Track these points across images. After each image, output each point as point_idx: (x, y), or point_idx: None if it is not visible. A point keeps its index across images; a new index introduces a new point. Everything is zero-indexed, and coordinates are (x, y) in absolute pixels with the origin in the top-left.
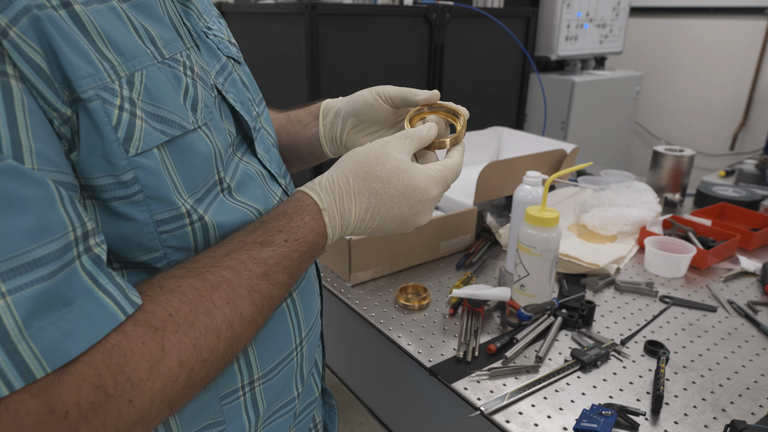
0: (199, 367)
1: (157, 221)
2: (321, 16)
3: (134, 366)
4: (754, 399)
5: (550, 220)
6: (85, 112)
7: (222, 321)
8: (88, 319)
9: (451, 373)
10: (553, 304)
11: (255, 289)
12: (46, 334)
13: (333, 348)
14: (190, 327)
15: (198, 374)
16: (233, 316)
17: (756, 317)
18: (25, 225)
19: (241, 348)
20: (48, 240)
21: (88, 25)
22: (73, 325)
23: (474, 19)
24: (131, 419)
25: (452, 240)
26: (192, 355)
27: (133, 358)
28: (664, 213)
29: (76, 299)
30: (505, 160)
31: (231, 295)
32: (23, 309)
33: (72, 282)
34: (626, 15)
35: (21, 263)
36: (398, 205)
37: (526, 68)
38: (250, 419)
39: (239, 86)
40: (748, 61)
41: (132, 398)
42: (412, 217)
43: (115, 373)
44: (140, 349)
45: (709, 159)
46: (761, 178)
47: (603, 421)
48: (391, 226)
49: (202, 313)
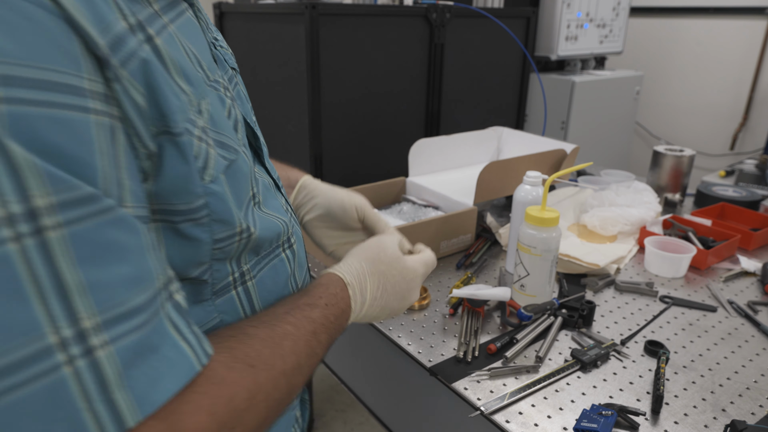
0: (275, 406)
1: (215, 240)
2: (321, 16)
3: (239, 397)
4: (754, 399)
5: (550, 220)
6: (173, 144)
7: (290, 367)
8: (172, 368)
9: (451, 373)
10: (553, 304)
11: (308, 344)
12: (139, 382)
13: (333, 348)
14: (272, 368)
15: (272, 413)
16: (296, 365)
17: (756, 317)
18: (126, 274)
19: (293, 397)
20: (142, 288)
21: (166, 57)
22: (159, 374)
23: (474, 19)
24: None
25: (452, 240)
26: (271, 393)
27: (237, 389)
28: (664, 213)
29: (161, 347)
30: (505, 160)
31: (294, 346)
32: (123, 358)
33: (159, 330)
34: (626, 15)
35: (121, 312)
36: (398, 282)
37: (526, 68)
38: None
39: (243, 97)
40: (748, 61)
41: (233, 428)
42: (408, 292)
43: (225, 403)
44: (242, 381)
45: (709, 159)
46: (761, 178)
47: (603, 421)
48: (393, 304)
49: (278, 358)
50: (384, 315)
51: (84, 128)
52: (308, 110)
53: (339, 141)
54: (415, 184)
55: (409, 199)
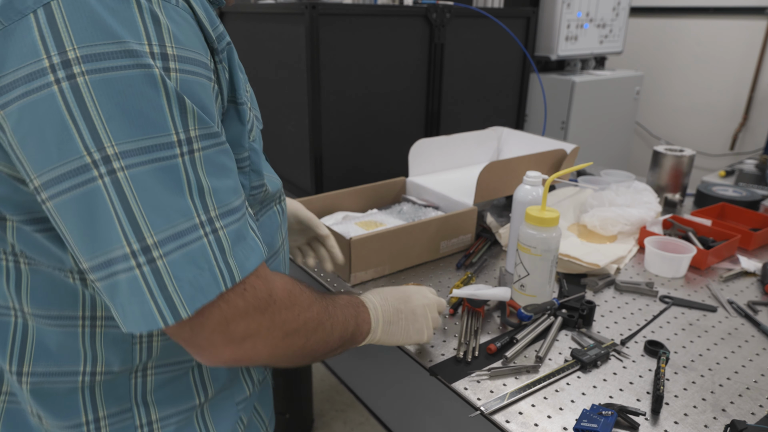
0: (316, 339)
1: (251, 186)
2: (321, 16)
3: (300, 293)
4: (754, 399)
5: (550, 220)
6: (236, 110)
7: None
8: (253, 251)
9: (451, 373)
10: (553, 304)
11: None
12: (239, 255)
13: None
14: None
15: (313, 341)
16: (333, 331)
17: (756, 317)
18: (231, 185)
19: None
20: (238, 196)
21: (234, 53)
22: (247, 253)
23: (474, 19)
24: (309, 324)
25: (452, 240)
26: (318, 326)
27: (302, 288)
28: (664, 213)
29: (246, 238)
30: (505, 160)
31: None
32: (231, 238)
33: (246, 226)
34: (626, 15)
35: (229, 209)
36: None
37: (526, 68)
38: None
39: None
40: (748, 61)
41: (300, 312)
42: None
43: (293, 283)
44: (304, 289)
45: (709, 159)
46: (761, 178)
47: (603, 421)
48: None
49: (327, 315)
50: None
51: (209, 90)
52: (308, 110)
53: (339, 141)
54: (415, 184)
55: (409, 199)
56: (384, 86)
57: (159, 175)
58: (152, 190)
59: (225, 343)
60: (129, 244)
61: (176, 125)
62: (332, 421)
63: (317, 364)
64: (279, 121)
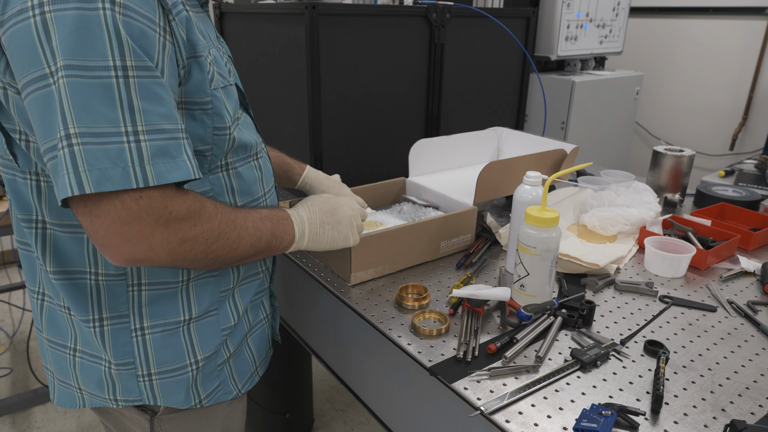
0: (218, 246)
1: (214, 127)
2: (321, 16)
3: (202, 207)
4: (754, 399)
5: (550, 220)
6: (197, 63)
7: (239, 227)
8: (179, 170)
9: (451, 373)
10: (553, 304)
11: (256, 228)
12: (159, 167)
13: (334, 348)
14: (229, 217)
15: (221, 242)
16: (243, 228)
17: (756, 317)
18: (162, 111)
19: (233, 256)
20: (170, 122)
21: (194, 21)
22: (171, 168)
23: (474, 19)
24: (208, 233)
25: (452, 240)
26: (220, 235)
27: (206, 204)
28: (664, 213)
29: (177, 158)
30: (505, 160)
31: (246, 222)
32: (153, 150)
33: (177, 148)
34: (626, 15)
35: (156, 128)
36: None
37: (526, 68)
38: (234, 273)
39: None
40: (748, 61)
41: (197, 223)
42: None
43: (203, 200)
44: (208, 205)
45: (709, 159)
46: (761, 178)
47: (603, 420)
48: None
49: (238, 217)
50: (330, 234)
51: (152, 38)
52: (308, 110)
53: (339, 141)
54: (415, 184)
55: (409, 199)
56: (384, 86)
57: (95, 89)
58: (86, 97)
59: (122, 243)
60: (59, 130)
61: (113, 54)
62: (332, 421)
63: (317, 364)
64: (279, 121)
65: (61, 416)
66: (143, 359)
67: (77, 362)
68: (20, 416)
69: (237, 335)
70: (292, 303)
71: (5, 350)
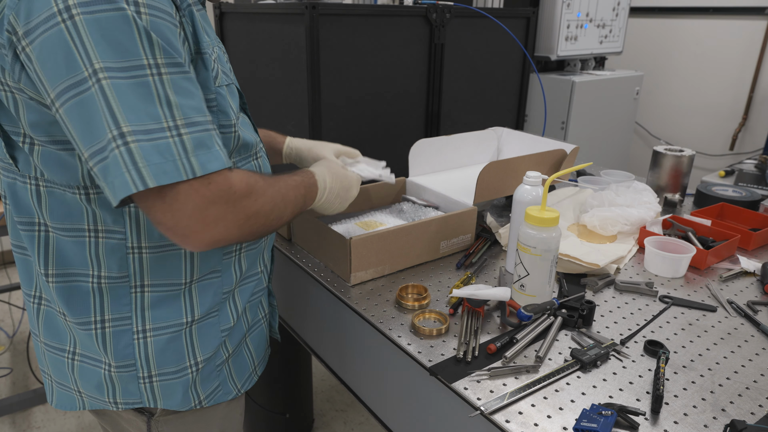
0: (272, 207)
1: (220, 125)
2: (321, 16)
3: (256, 182)
4: (754, 399)
5: (550, 220)
6: (202, 59)
7: (281, 196)
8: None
9: (451, 373)
10: (553, 304)
11: (295, 193)
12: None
13: (334, 348)
14: (273, 186)
15: (273, 209)
16: (284, 197)
17: (756, 317)
18: (193, 104)
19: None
20: (201, 114)
21: (200, 19)
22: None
23: (474, 19)
24: (265, 206)
25: (452, 240)
26: (274, 207)
27: (257, 179)
28: (664, 213)
29: (211, 148)
30: (505, 160)
31: (286, 189)
32: (194, 142)
33: (210, 139)
34: (626, 15)
35: (192, 122)
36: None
37: (526, 68)
38: (236, 274)
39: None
40: (748, 61)
41: (257, 197)
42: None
43: (253, 175)
44: (258, 179)
45: (709, 159)
46: (761, 178)
47: (603, 420)
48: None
49: (278, 186)
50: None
51: (175, 32)
52: (308, 110)
53: (339, 141)
54: (415, 184)
55: (409, 199)
56: (384, 86)
57: (134, 88)
58: (129, 96)
59: (203, 228)
60: (110, 131)
61: (146, 53)
62: (332, 421)
63: (317, 364)
64: (279, 121)
65: (61, 416)
66: (144, 361)
67: (76, 366)
68: (20, 416)
69: (236, 335)
70: (292, 303)
71: (5, 350)
